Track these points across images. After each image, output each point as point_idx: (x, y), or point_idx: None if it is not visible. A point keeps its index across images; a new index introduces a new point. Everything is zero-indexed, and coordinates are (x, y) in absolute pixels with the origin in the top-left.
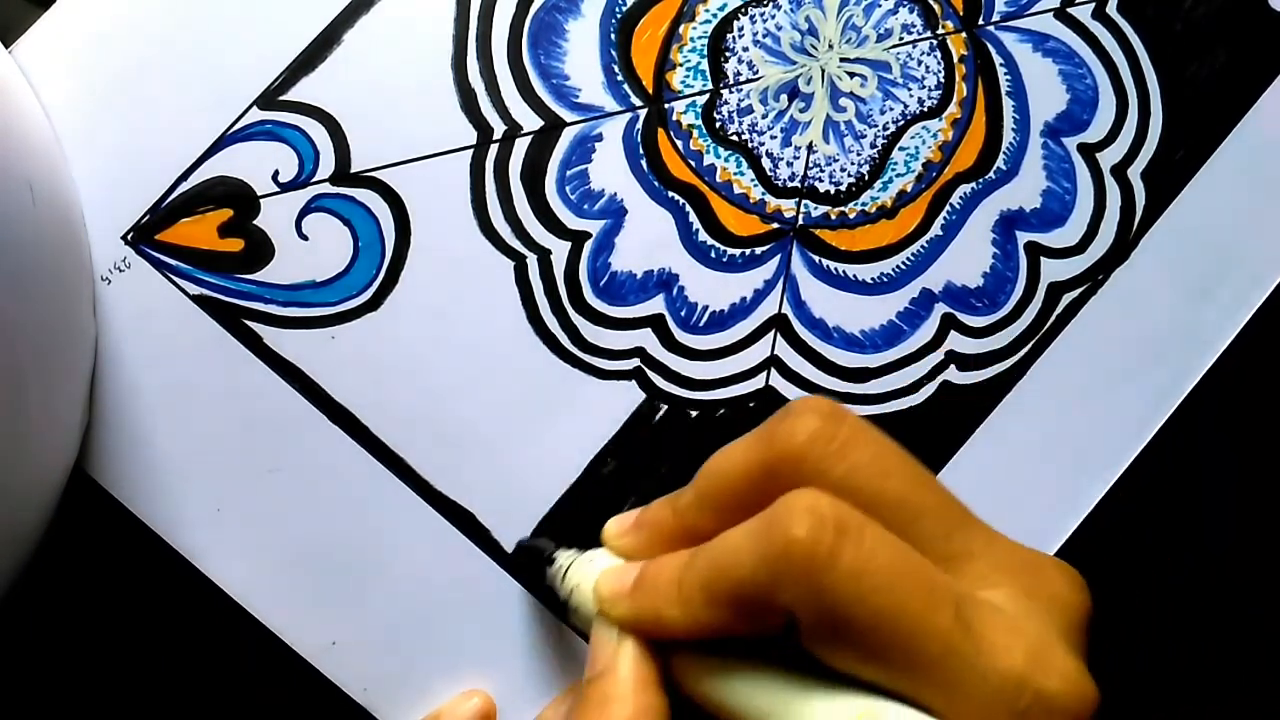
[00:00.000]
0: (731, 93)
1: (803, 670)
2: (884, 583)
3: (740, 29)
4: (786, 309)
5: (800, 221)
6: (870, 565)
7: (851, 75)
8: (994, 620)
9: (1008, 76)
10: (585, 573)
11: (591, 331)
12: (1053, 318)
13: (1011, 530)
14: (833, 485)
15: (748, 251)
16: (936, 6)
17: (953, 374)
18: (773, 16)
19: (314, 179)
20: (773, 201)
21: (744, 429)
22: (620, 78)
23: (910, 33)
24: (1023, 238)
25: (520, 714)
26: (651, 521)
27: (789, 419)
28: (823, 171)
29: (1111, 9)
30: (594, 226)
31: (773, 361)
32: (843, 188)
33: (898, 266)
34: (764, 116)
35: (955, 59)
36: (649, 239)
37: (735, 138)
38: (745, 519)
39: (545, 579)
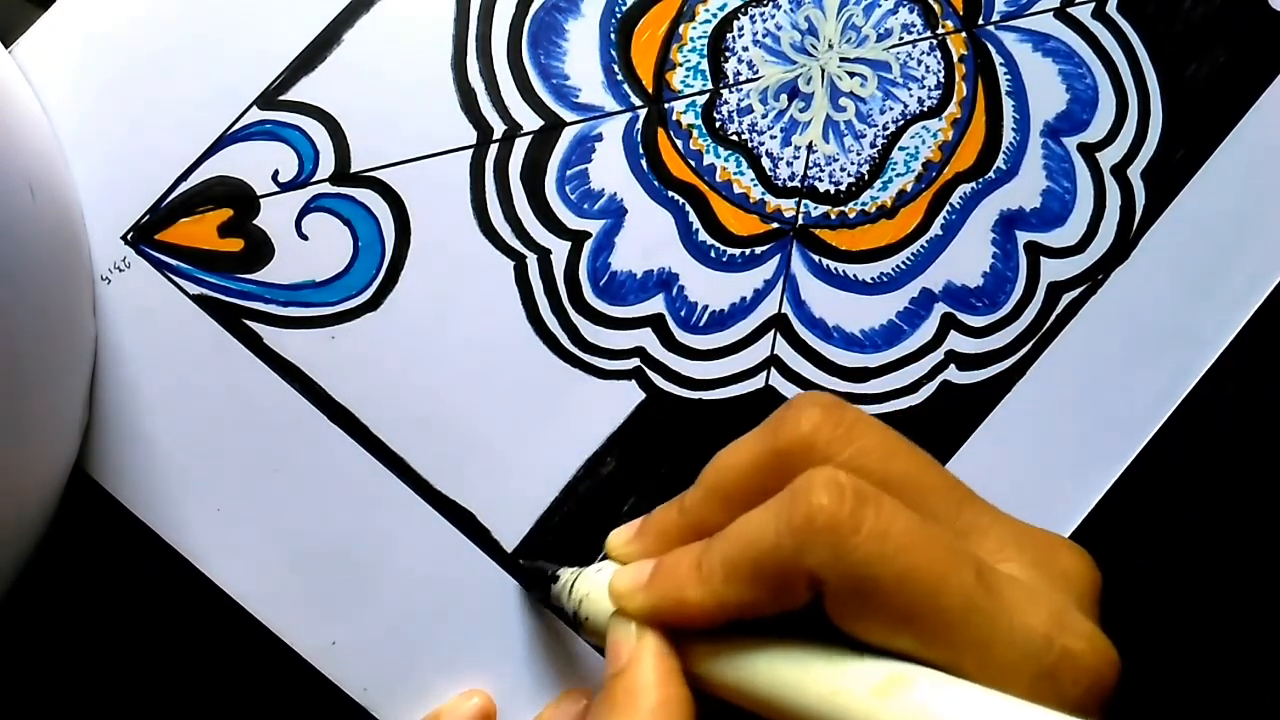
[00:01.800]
0: (731, 92)
1: (826, 647)
2: (906, 543)
3: (740, 29)
4: (786, 309)
5: (800, 221)
6: (892, 528)
7: (851, 75)
8: (1013, 585)
9: (1008, 76)
10: (594, 581)
11: (591, 331)
12: (1053, 317)
13: None
14: (842, 468)
15: (748, 251)
16: (936, 6)
17: (953, 374)
18: (773, 16)
19: (314, 179)
20: (773, 201)
21: (744, 428)
22: (620, 77)
23: (910, 32)
24: (1023, 237)
25: (520, 714)
26: (657, 524)
27: (792, 410)
28: (823, 171)
29: (1111, 9)
30: (594, 226)
31: (773, 361)
32: (843, 187)
33: (898, 266)
34: (764, 116)
35: (955, 59)
36: (649, 239)
37: (735, 137)
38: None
39: (551, 598)
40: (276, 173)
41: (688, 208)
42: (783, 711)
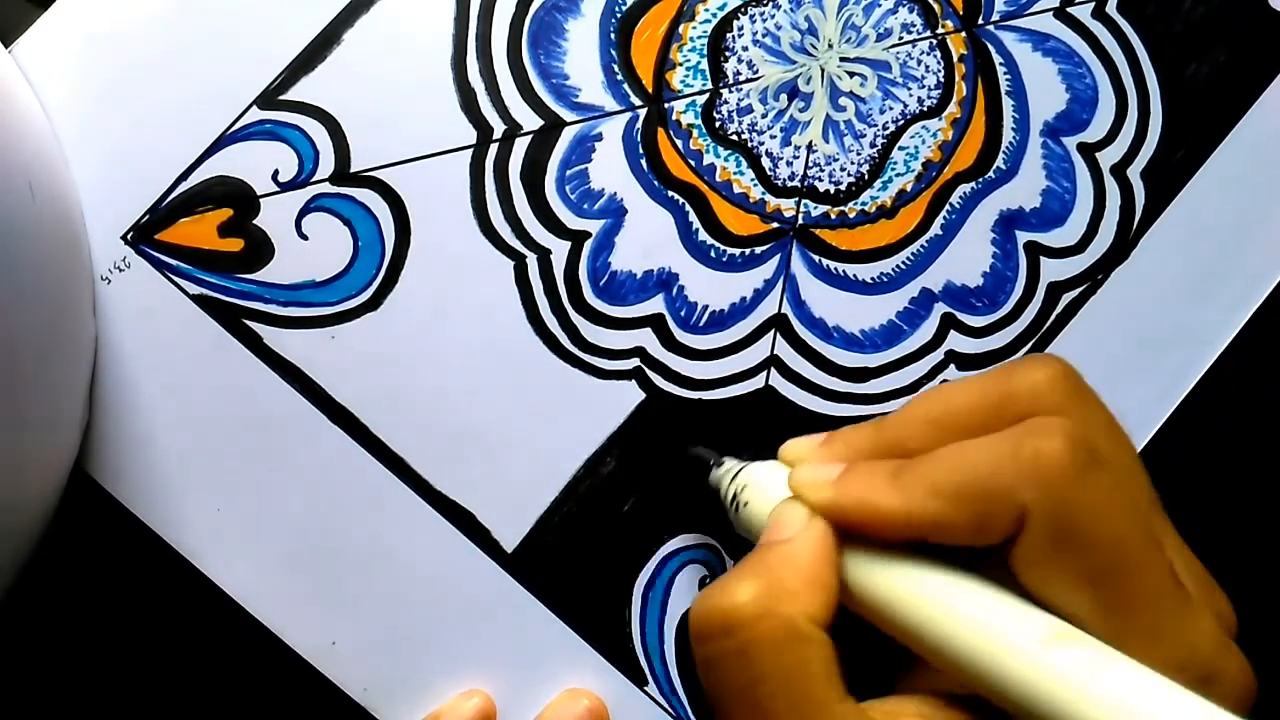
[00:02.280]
0: (731, 92)
1: (992, 587)
2: (1124, 512)
3: (740, 28)
4: (786, 308)
5: (800, 221)
6: (1115, 492)
7: (851, 75)
8: (1193, 595)
9: (1007, 76)
10: (762, 474)
11: (591, 331)
12: (1053, 318)
13: None
14: None
15: (747, 251)
16: (936, 6)
17: (953, 374)
18: (772, 16)
19: (314, 179)
20: (772, 201)
21: (744, 428)
22: (620, 77)
23: (910, 32)
24: (1022, 237)
25: (520, 714)
26: (847, 437)
27: (1030, 362)
28: (822, 171)
29: (1111, 8)
30: (594, 226)
31: (773, 361)
32: (842, 187)
33: (898, 266)
34: (764, 116)
35: (955, 58)
36: (649, 239)
37: (735, 137)
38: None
39: (709, 481)
40: (276, 172)
41: (688, 207)
42: (928, 639)
